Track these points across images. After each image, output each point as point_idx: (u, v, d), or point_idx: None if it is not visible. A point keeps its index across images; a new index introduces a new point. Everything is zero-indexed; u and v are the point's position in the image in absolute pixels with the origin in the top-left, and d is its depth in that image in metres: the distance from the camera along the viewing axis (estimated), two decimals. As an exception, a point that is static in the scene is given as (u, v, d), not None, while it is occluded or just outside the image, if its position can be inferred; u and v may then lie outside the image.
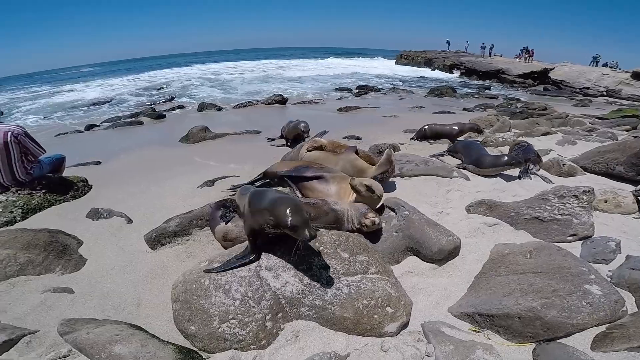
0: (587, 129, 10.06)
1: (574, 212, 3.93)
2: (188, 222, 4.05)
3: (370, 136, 9.57)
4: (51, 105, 25.14)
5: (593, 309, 2.50)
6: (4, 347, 2.50)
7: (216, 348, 2.50)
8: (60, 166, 6.06)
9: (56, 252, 3.75)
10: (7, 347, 2.51)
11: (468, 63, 40.80)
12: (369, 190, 3.82)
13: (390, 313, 2.60)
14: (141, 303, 3.13)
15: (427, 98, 21.83)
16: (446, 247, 3.44)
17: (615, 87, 29.02)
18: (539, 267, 2.99)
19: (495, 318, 2.63)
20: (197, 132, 10.32)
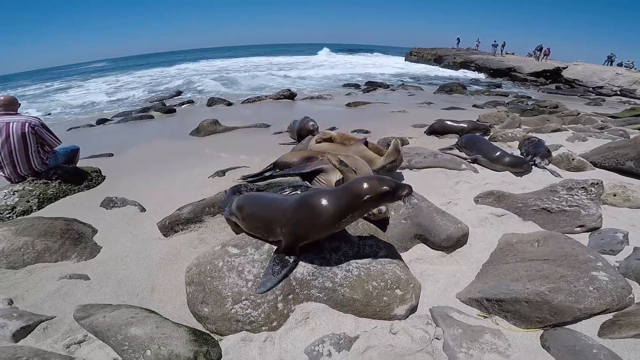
0: (599, 126, 9.95)
1: (582, 204, 3.95)
2: (200, 209, 4.12)
3: (378, 130, 9.59)
4: (61, 100, 25.42)
5: (600, 294, 2.53)
6: (21, 333, 2.57)
7: (228, 330, 2.55)
8: (74, 157, 6.19)
9: (72, 240, 3.84)
10: (25, 334, 2.58)
11: (479, 61, 40.47)
12: (342, 164, 3.90)
13: (400, 295, 2.64)
14: (155, 288, 3.20)
15: (436, 95, 21.71)
16: (454, 235, 3.48)
17: (629, 86, 28.49)
18: (547, 254, 3.02)
19: (503, 303, 2.66)
20: (207, 125, 10.42)
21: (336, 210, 2.51)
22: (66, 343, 2.47)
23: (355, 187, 2.51)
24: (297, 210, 2.66)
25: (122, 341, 2.31)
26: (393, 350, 2.37)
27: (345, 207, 2.50)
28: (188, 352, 2.22)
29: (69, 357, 2.32)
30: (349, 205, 2.50)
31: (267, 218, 2.85)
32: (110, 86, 32.83)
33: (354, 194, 2.48)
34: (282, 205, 2.79)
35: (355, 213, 2.56)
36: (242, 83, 28.41)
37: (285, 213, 2.71)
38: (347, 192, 2.53)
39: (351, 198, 2.49)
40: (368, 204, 2.54)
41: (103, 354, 2.36)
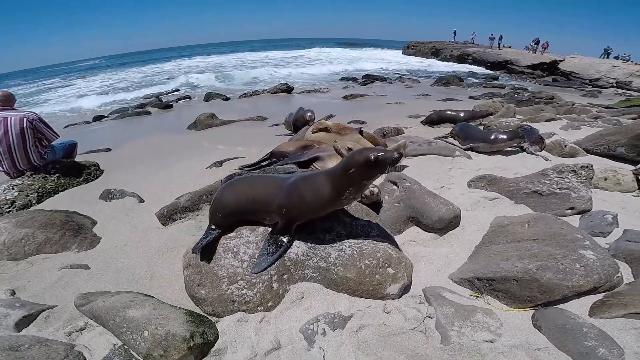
0: (593, 116, 10.02)
1: (572, 186, 4.02)
2: (198, 198, 4.19)
3: (375, 121, 9.65)
4: (57, 97, 25.36)
5: (587, 272, 2.58)
6: (23, 322, 2.63)
7: (225, 311, 2.61)
8: (72, 151, 6.25)
9: (72, 231, 3.91)
10: (27, 323, 2.64)
11: (476, 54, 40.50)
12: (349, 151, 3.95)
13: (392, 274, 2.70)
14: (154, 275, 3.27)
15: (433, 87, 21.75)
16: (446, 216, 3.55)
17: (625, 79, 28.59)
18: (536, 235, 3.08)
19: (494, 282, 2.72)
20: (204, 119, 10.47)
21: (335, 186, 2.52)
22: (67, 331, 2.53)
23: (350, 160, 2.49)
24: (297, 188, 2.65)
25: (121, 323, 2.37)
26: (386, 329, 2.42)
27: (343, 181, 2.50)
28: (185, 332, 2.27)
29: (70, 345, 2.37)
30: (346, 178, 2.48)
31: (263, 198, 2.78)
32: (102, 85, 32.48)
33: (349, 166, 2.46)
34: (280, 184, 2.75)
35: (353, 187, 2.51)
36: (238, 78, 28.37)
37: (285, 192, 2.67)
38: (343, 166, 2.52)
39: (346, 171, 2.47)
40: (363, 175, 2.47)
41: (104, 340, 2.42)
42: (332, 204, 2.61)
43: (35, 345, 2.25)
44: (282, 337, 2.42)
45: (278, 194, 2.69)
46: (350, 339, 2.37)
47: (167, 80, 30.18)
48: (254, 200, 2.82)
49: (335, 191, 2.53)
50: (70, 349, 2.31)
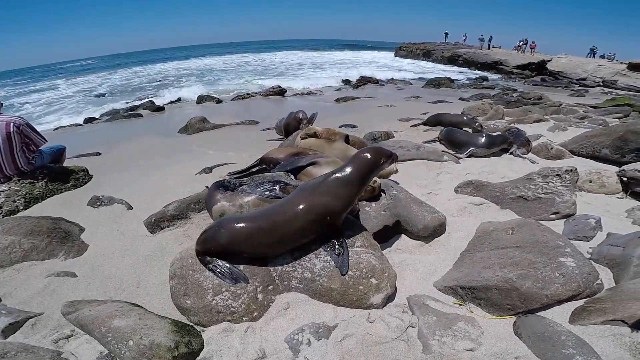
0: (580, 116, 10.16)
1: (556, 191, 4.08)
2: (186, 206, 4.20)
3: (365, 125, 9.70)
4: (47, 99, 25.12)
5: (566, 280, 2.61)
6: (9, 329, 2.62)
7: (210, 321, 2.63)
8: (61, 156, 6.20)
9: (59, 239, 3.89)
10: (13, 330, 2.64)
11: (467, 54, 40.79)
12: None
13: (375, 284, 2.73)
14: (141, 284, 3.27)
15: (424, 89, 21.88)
16: (431, 224, 3.59)
17: (611, 77, 29.05)
18: (519, 242, 3.12)
19: (476, 290, 2.76)
20: (195, 123, 10.44)
21: (359, 177, 2.95)
22: (54, 338, 2.53)
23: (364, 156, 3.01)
24: (329, 192, 2.86)
25: (106, 333, 2.38)
26: (370, 338, 2.44)
27: (364, 172, 2.96)
28: (169, 342, 2.29)
29: (57, 352, 2.38)
30: (367, 169, 2.97)
31: (303, 220, 2.80)
32: (96, 84, 32.08)
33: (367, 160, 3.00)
34: (299, 202, 2.85)
35: (369, 177, 3.05)
36: (235, 80, 28.20)
37: (317, 203, 2.84)
38: (357, 161, 3.00)
39: (365, 164, 2.98)
40: (376, 170, 3.06)
41: (90, 348, 2.42)
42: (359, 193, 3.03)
43: (22, 352, 2.25)
44: (267, 346, 2.43)
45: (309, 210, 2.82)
46: (335, 348, 2.39)
47: (161, 81, 29.83)
48: (286, 233, 2.81)
49: (362, 181, 2.99)
50: (57, 356, 2.32)
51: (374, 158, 2.98)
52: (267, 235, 2.75)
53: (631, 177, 4.52)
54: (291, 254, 2.82)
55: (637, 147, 5.49)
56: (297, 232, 2.80)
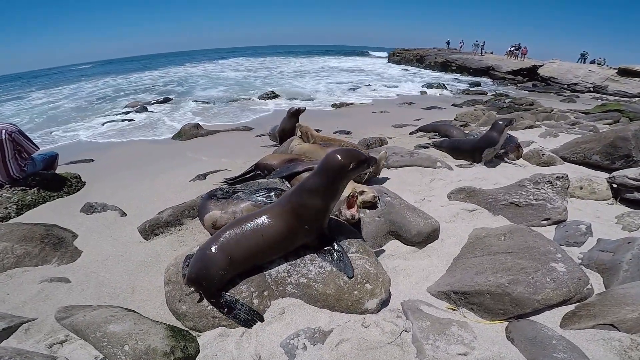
0: (571, 122, 10.30)
1: (548, 197, 4.13)
2: (180, 213, 4.21)
3: (360, 130, 9.78)
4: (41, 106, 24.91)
5: (557, 285, 2.65)
6: (3, 334, 2.63)
7: (205, 326, 2.65)
8: (53, 163, 6.18)
9: (52, 245, 3.89)
10: (7, 335, 2.65)
11: (459, 60, 41.06)
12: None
13: (370, 289, 2.75)
14: (135, 289, 3.28)
15: (417, 94, 22.03)
16: (424, 230, 3.63)
17: (602, 83, 29.43)
18: (511, 247, 3.16)
19: (469, 295, 2.79)
20: (189, 129, 10.46)
21: (327, 185, 2.71)
22: (48, 343, 2.54)
23: (329, 161, 2.71)
24: (302, 204, 2.74)
25: (101, 337, 2.40)
26: (365, 343, 2.46)
27: (331, 180, 2.71)
28: (165, 346, 2.31)
29: (51, 357, 2.38)
30: (334, 176, 2.70)
31: (280, 231, 2.74)
32: (93, 90, 31.44)
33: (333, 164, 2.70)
34: (281, 211, 2.78)
35: (339, 184, 2.76)
36: (231, 85, 28.05)
37: (291, 213, 2.75)
38: (323, 168, 2.73)
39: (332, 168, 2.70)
40: (352, 172, 2.74)
41: (85, 353, 2.43)
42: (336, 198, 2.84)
43: (16, 357, 2.26)
44: (262, 351, 2.45)
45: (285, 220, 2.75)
46: (330, 353, 2.41)
47: (155, 87, 29.38)
48: (267, 239, 2.74)
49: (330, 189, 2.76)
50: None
51: (341, 162, 2.67)
52: (245, 252, 2.71)
53: (621, 184, 4.58)
54: (286, 260, 2.84)
55: (626, 154, 5.58)
56: (276, 244, 2.76)
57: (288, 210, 2.75)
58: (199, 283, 2.68)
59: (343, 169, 2.67)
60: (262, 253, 2.76)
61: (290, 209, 2.74)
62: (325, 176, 2.69)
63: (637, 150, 5.55)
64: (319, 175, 2.71)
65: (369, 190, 3.87)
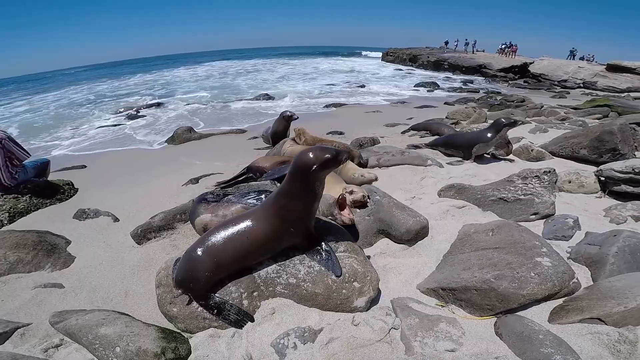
0: (560, 118, 10.39)
1: (535, 192, 4.18)
2: (172, 217, 4.23)
3: (353, 131, 9.82)
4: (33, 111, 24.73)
5: (541, 280, 2.69)
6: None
7: (197, 327, 2.67)
8: (45, 170, 6.13)
9: (45, 251, 3.89)
10: (2, 340, 2.67)
11: (452, 59, 41.25)
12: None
13: (358, 288, 2.78)
14: (128, 293, 3.29)
15: (410, 93, 22.10)
16: (413, 228, 3.66)
17: (591, 79, 29.76)
18: (498, 242, 3.20)
19: (456, 291, 2.83)
20: (182, 133, 10.46)
21: (301, 187, 2.70)
22: (44, 347, 2.56)
23: (298, 162, 2.69)
24: (285, 202, 2.74)
25: (93, 340, 2.43)
26: (355, 341, 2.49)
27: (304, 181, 2.68)
28: (156, 348, 2.34)
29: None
30: (305, 177, 2.66)
31: (264, 234, 2.75)
32: (84, 94, 31.14)
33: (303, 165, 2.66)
34: (265, 215, 2.79)
35: (313, 184, 2.71)
36: (225, 88, 27.99)
37: (275, 215, 2.75)
38: (293, 170, 2.72)
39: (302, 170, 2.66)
40: (320, 171, 2.67)
41: (80, 356, 2.46)
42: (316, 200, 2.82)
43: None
44: (253, 351, 2.47)
45: (270, 223, 2.75)
46: (321, 352, 2.44)
47: (148, 90, 29.09)
48: (252, 242, 2.75)
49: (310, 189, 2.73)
50: (46, 364, 2.34)
51: (307, 163, 2.62)
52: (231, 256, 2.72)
53: (608, 177, 4.65)
54: (275, 261, 2.87)
55: (612, 147, 5.66)
56: (262, 246, 2.78)
57: (271, 213, 2.77)
58: (187, 285, 2.71)
59: (310, 169, 2.61)
60: (249, 255, 2.78)
61: (273, 213, 2.76)
62: (296, 179, 2.68)
63: (623, 143, 5.63)
64: (291, 179, 2.70)
65: (358, 190, 3.91)
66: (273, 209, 2.76)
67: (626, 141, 5.77)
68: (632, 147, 5.94)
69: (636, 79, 28.42)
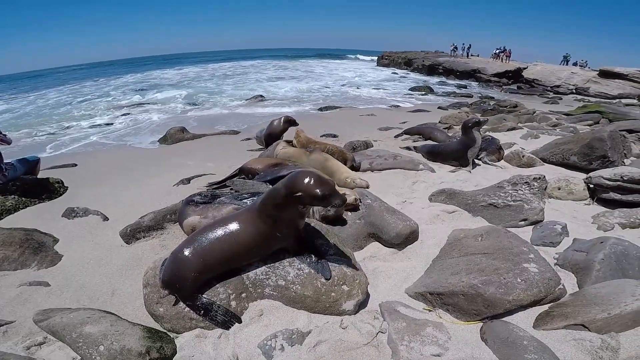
0: (552, 124, 10.50)
1: (525, 198, 4.21)
2: (162, 217, 4.21)
3: (346, 134, 9.84)
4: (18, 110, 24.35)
5: (527, 286, 2.70)
6: (-21, 337, 2.60)
7: (183, 327, 2.66)
8: (34, 168, 6.09)
9: (32, 249, 3.86)
10: (-17, 338, 2.62)
11: (446, 63, 41.44)
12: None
13: (347, 291, 2.78)
14: (115, 293, 3.27)
15: (404, 97, 22.21)
16: (403, 232, 3.67)
17: (584, 85, 30.01)
18: (486, 248, 3.22)
19: (443, 296, 2.84)
20: (174, 133, 10.41)
21: (270, 212, 2.66)
22: (26, 345, 2.54)
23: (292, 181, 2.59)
24: (270, 209, 2.67)
25: (77, 338, 2.41)
26: (342, 344, 2.49)
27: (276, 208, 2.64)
28: (140, 347, 2.33)
29: (29, 358, 2.40)
30: (277, 206, 2.62)
31: (252, 237, 2.72)
32: (73, 93, 30.79)
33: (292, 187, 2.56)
34: (252, 217, 2.75)
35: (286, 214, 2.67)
36: (217, 89, 27.90)
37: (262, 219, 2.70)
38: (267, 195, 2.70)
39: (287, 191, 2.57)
40: (305, 201, 2.56)
41: (63, 354, 2.44)
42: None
43: (-7, 359, 2.27)
44: (240, 352, 2.47)
45: (262, 225, 2.71)
46: (308, 354, 2.44)
47: (141, 90, 28.97)
48: (240, 244, 2.73)
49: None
50: (28, 362, 2.32)
51: (298, 187, 2.51)
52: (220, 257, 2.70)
53: (597, 184, 4.70)
54: (265, 263, 2.86)
55: (602, 154, 5.71)
56: (250, 249, 2.75)
57: (257, 216, 2.73)
58: (173, 286, 2.70)
59: (294, 192, 2.52)
60: (237, 256, 2.76)
61: (258, 216, 2.72)
62: (282, 193, 2.59)
63: (612, 150, 5.69)
64: (278, 190, 2.62)
65: (350, 193, 3.92)
66: (259, 212, 2.73)
67: (616, 148, 5.83)
68: (622, 154, 6.00)
69: (628, 85, 28.75)
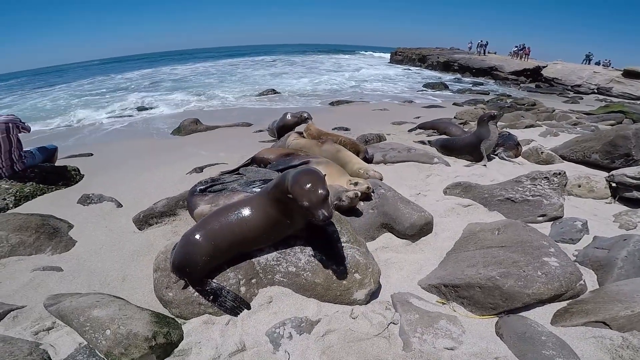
0: (572, 122, 10.26)
1: (544, 194, 4.10)
2: (174, 203, 4.22)
3: (359, 127, 9.75)
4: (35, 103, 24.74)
5: (548, 279, 2.62)
6: (-10, 322, 2.62)
7: (191, 313, 2.63)
8: (52, 156, 6.21)
9: (47, 234, 3.89)
10: (-6, 322, 2.63)
11: (462, 60, 40.78)
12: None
13: (359, 279, 2.74)
14: (126, 278, 3.27)
15: (418, 93, 21.98)
16: (417, 222, 3.60)
17: (606, 84, 29.15)
18: (504, 241, 3.13)
19: (459, 288, 2.77)
20: (188, 125, 10.47)
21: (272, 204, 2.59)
22: (34, 330, 2.54)
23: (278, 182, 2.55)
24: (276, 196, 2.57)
25: (84, 322, 2.40)
26: (352, 334, 2.44)
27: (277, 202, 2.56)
28: (147, 331, 2.30)
29: (36, 343, 2.38)
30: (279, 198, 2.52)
31: (262, 222, 2.64)
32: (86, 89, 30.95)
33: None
34: (262, 203, 2.66)
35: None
36: (227, 84, 28.00)
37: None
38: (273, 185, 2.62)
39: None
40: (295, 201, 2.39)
41: (70, 340, 2.43)
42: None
43: (0, 344, 2.26)
44: (247, 339, 2.44)
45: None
46: (316, 343, 2.39)
47: (152, 84, 29.02)
48: (250, 229, 2.66)
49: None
50: (35, 347, 2.33)
51: (290, 188, 2.36)
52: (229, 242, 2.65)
53: (619, 182, 4.55)
54: (276, 248, 2.83)
55: (626, 153, 5.54)
56: (260, 234, 2.68)
57: (268, 202, 2.63)
58: (183, 270, 2.66)
59: (287, 192, 2.39)
60: (247, 241, 2.71)
61: (273, 202, 2.61)
62: (279, 188, 2.50)
63: (637, 149, 5.50)
64: (278, 183, 2.55)
65: (363, 182, 3.87)
66: (269, 198, 2.64)
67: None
68: (646, 154, 5.81)
69: (653, 86, 27.89)
